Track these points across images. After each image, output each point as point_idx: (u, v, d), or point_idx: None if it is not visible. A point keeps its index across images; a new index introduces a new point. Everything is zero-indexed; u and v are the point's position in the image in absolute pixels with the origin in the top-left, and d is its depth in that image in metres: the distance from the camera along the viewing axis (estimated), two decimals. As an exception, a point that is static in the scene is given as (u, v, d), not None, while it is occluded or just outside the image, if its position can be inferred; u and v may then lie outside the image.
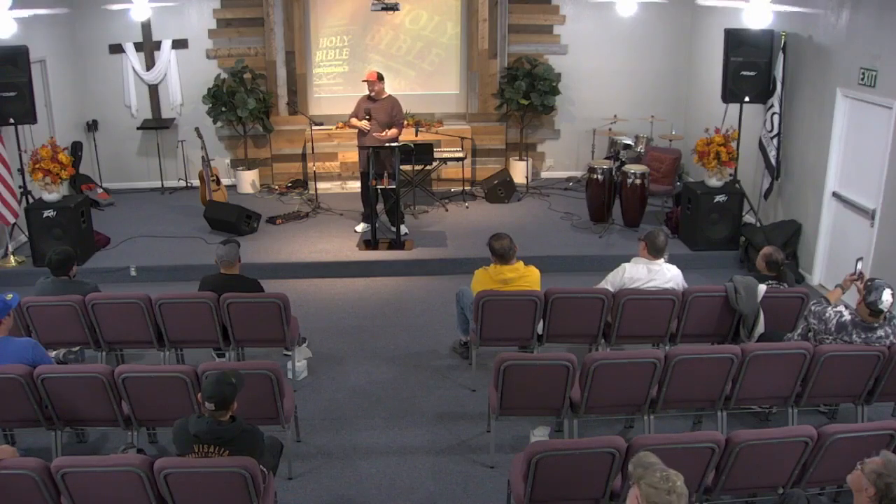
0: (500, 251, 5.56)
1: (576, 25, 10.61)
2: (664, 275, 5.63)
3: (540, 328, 5.60)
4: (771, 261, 5.65)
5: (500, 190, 10.03)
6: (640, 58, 10.69)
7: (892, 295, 4.58)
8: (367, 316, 7.17)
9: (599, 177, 8.87)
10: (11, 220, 8.07)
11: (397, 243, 8.37)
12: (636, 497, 2.86)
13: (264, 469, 3.85)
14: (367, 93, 8.47)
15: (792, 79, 7.96)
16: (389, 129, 8.31)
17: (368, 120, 8.29)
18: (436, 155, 9.60)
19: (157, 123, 10.51)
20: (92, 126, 10.38)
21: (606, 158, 9.91)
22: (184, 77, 10.43)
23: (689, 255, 8.20)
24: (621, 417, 5.30)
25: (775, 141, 8.05)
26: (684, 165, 10.46)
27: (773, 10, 7.93)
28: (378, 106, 8.35)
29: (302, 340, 6.29)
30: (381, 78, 8.40)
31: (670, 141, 10.02)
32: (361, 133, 8.42)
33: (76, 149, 9.80)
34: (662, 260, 5.70)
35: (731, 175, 8.39)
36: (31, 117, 7.83)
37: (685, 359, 4.62)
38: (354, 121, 8.48)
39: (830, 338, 4.77)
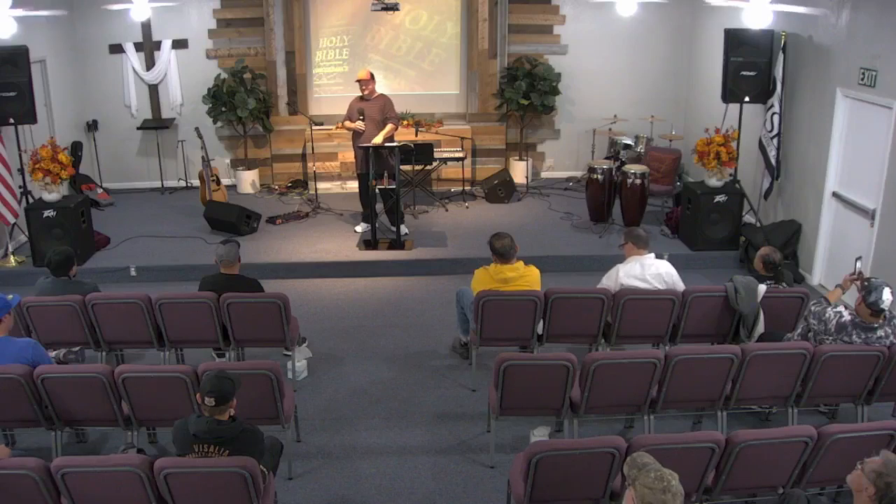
0: (501, 250, 5.56)
1: (576, 25, 10.62)
2: (658, 268, 5.64)
3: (540, 328, 5.60)
4: (768, 261, 5.65)
5: (500, 190, 10.03)
6: (641, 58, 10.69)
7: (892, 293, 4.58)
8: (367, 316, 7.17)
9: (599, 177, 8.87)
10: (11, 220, 8.07)
11: (397, 243, 8.37)
12: (632, 498, 2.86)
13: (264, 469, 3.85)
14: (358, 94, 8.49)
15: (792, 79, 7.96)
16: (384, 125, 8.30)
17: (362, 120, 8.29)
18: (436, 155, 9.59)
19: (157, 123, 10.51)
20: (92, 126, 10.39)
21: (606, 158, 9.92)
22: (184, 77, 10.43)
23: (689, 255, 8.21)
24: (621, 417, 5.30)
25: (775, 141, 8.05)
26: (684, 165, 10.46)
27: (773, 10, 7.93)
28: (371, 105, 8.35)
29: (302, 340, 6.30)
30: (372, 77, 8.42)
31: (670, 141, 10.02)
32: (356, 134, 8.42)
33: (76, 149, 9.80)
34: (652, 255, 5.72)
35: (731, 175, 8.39)
36: (31, 117, 7.83)
37: (685, 359, 4.62)
38: (348, 123, 8.48)
39: (830, 338, 4.77)
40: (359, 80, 8.40)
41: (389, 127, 8.30)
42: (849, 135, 7.19)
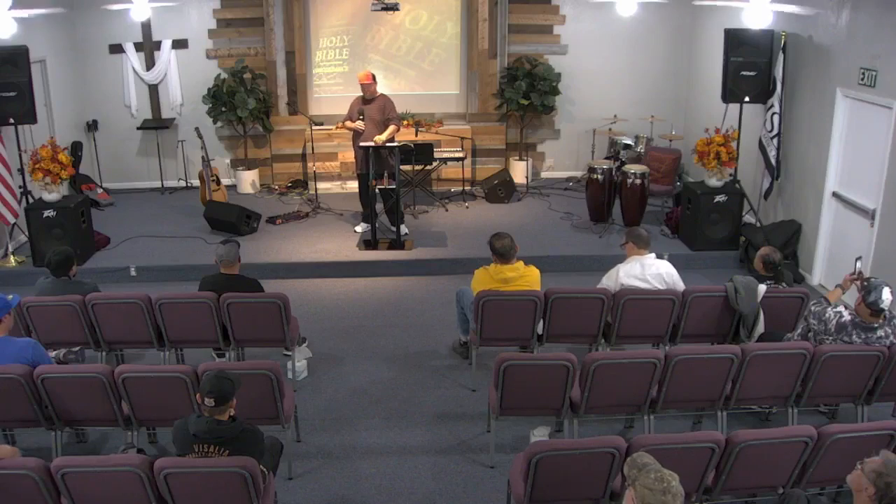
0: (501, 250, 5.56)
1: (576, 25, 10.62)
2: (659, 268, 5.64)
3: (540, 328, 5.60)
4: (768, 261, 5.65)
5: (500, 190, 10.03)
6: (640, 58, 10.69)
7: (891, 293, 4.59)
8: (367, 316, 7.17)
9: (599, 177, 8.87)
10: (11, 220, 8.07)
11: (397, 243, 8.37)
12: (632, 499, 2.86)
13: (264, 469, 3.85)
14: (359, 94, 8.49)
15: (792, 79, 7.96)
16: (385, 126, 8.30)
17: (362, 120, 8.28)
18: (436, 155, 9.60)
19: (157, 123, 10.51)
20: (92, 126, 10.39)
21: (606, 158, 9.92)
22: (184, 77, 10.43)
23: (689, 255, 8.21)
24: (621, 417, 5.30)
25: (775, 141, 8.05)
26: (684, 165, 10.46)
27: (773, 10, 7.93)
28: (371, 105, 8.35)
29: (302, 340, 6.30)
30: (374, 79, 8.43)
31: (670, 141, 10.02)
32: (356, 134, 8.42)
33: (76, 149, 9.80)
34: (653, 255, 5.72)
35: (731, 175, 8.40)
36: (31, 117, 7.83)
37: (685, 359, 4.62)
38: (349, 123, 8.48)
39: (830, 338, 4.77)
40: (361, 84, 8.39)
41: (392, 128, 8.29)
42: (849, 135, 7.19)
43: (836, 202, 7.39)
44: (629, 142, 10.01)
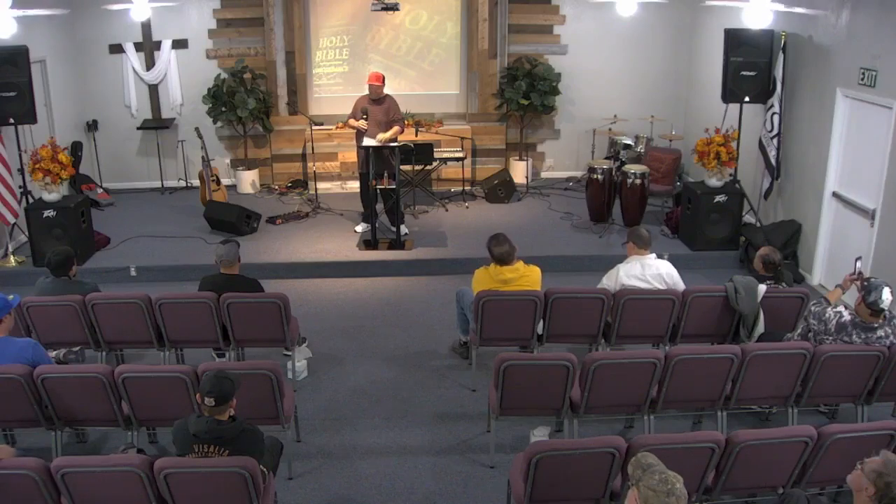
0: (500, 256, 5.55)
1: (576, 25, 10.62)
2: (659, 268, 5.64)
3: (540, 328, 5.60)
4: (767, 261, 5.65)
5: (500, 190, 10.04)
6: (641, 58, 10.70)
7: (891, 293, 4.59)
8: (367, 316, 7.17)
9: (599, 177, 8.87)
10: (11, 220, 8.07)
11: (397, 243, 8.37)
12: (635, 499, 2.85)
13: (264, 469, 3.85)
14: (365, 93, 8.48)
15: (792, 79, 7.96)
16: (388, 127, 8.30)
17: (365, 119, 8.28)
18: (436, 155, 9.60)
19: (157, 123, 10.51)
20: (92, 126, 10.39)
21: (606, 158, 9.92)
22: (184, 77, 10.43)
23: (689, 255, 8.21)
24: (621, 417, 5.30)
25: (775, 141, 8.05)
26: (684, 165, 10.46)
27: (773, 10, 7.93)
28: (378, 107, 8.35)
29: (302, 340, 6.30)
30: (384, 81, 8.41)
31: (670, 141, 10.03)
32: (360, 133, 8.42)
33: (76, 149, 9.80)
34: (653, 255, 5.72)
35: (731, 175, 8.40)
36: (31, 117, 7.83)
37: (685, 359, 4.62)
38: (352, 121, 8.48)
39: (830, 338, 4.77)
40: (370, 84, 8.34)
41: (395, 129, 8.29)
42: (849, 135, 7.19)
43: (836, 202, 7.39)
44: (629, 142, 10.01)
